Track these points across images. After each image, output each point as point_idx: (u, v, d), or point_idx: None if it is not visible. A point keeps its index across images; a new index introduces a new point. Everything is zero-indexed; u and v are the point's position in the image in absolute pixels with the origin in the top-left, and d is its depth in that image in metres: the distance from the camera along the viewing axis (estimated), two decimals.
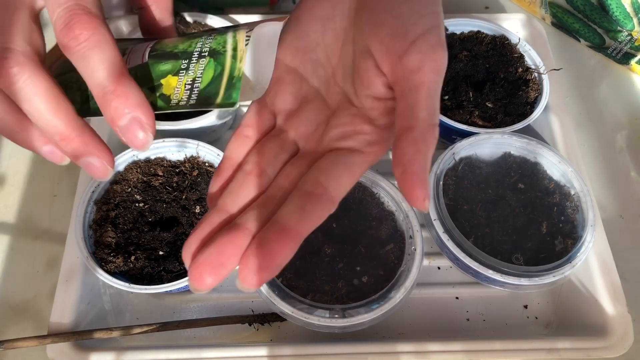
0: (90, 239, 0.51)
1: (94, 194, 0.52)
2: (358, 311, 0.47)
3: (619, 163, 0.67)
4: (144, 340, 0.53)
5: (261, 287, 0.48)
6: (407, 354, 0.49)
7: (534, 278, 0.49)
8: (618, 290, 0.52)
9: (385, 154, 0.35)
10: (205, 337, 0.54)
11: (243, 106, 0.67)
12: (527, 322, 0.55)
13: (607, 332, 0.50)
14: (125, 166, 0.55)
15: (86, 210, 0.51)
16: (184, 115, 0.57)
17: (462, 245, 0.50)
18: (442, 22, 0.33)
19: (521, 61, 0.63)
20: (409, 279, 0.48)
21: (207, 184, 0.54)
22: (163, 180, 0.55)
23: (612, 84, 0.73)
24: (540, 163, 0.57)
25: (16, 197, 0.62)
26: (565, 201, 0.54)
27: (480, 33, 0.65)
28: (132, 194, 0.53)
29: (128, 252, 0.50)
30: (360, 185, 0.55)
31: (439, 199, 0.52)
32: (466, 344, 0.49)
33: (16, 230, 0.60)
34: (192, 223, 0.52)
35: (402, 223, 0.53)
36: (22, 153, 0.65)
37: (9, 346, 0.47)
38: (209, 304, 0.55)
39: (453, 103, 0.60)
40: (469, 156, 0.57)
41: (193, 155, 0.56)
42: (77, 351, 0.48)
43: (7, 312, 0.55)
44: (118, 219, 0.52)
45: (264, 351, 0.48)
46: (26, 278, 0.57)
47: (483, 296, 0.56)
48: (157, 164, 0.56)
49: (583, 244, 0.51)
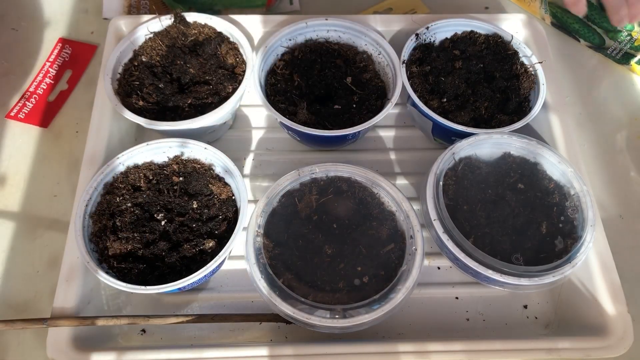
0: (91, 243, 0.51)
1: (88, 208, 0.52)
2: (359, 311, 0.47)
3: (619, 163, 0.67)
4: (144, 341, 0.53)
5: (262, 287, 0.48)
6: (407, 354, 0.49)
7: (534, 278, 0.49)
8: (618, 290, 0.52)
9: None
10: (205, 337, 0.54)
11: (243, 106, 0.67)
12: (527, 322, 0.55)
13: (607, 332, 0.50)
14: (114, 176, 0.55)
15: (84, 225, 0.51)
16: (184, 115, 0.57)
17: (462, 245, 0.50)
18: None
19: (515, 57, 0.63)
20: (410, 279, 0.48)
21: (198, 181, 0.54)
22: (155, 183, 0.55)
23: (612, 84, 0.73)
24: (540, 163, 0.57)
25: (16, 197, 0.62)
26: (565, 201, 0.54)
27: (474, 33, 0.65)
28: (126, 200, 0.53)
29: (128, 254, 0.50)
30: (361, 186, 0.55)
31: (439, 199, 0.52)
32: (466, 344, 0.49)
33: (16, 230, 0.60)
34: (192, 220, 0.52)
35: (403, 223, 0.53)
36: (23, 153, 0.65)
37: (52, 324, 0.49)
38: (208, 303, 0.55)
39: (451, 105, 0.60)
40: (468, 156, 0.57)
41: (177, 155, 0.56)
42: (77, 351, 0.48)
43: (7, 312, 0.55)
44: (116, 225, 0.52)
45: (264, 351, 0.48)
46: (26, 278, 0.57)
47: (483, 296, 0.56)
48: (146, 168, 0.56)
49: (583, 243, 0.51)
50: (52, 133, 0.66)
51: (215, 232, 0.52)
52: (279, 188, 0.54)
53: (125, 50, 0.61)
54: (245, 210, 0.52)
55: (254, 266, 0.49)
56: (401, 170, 0.64)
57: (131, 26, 0.65)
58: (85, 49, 0.73)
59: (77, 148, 0.65)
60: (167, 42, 0.62)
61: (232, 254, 0.55)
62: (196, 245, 0.51)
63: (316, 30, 0.65)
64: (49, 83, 0.70)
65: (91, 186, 0.53)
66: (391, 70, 0.62)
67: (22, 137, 0.66)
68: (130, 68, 0.61)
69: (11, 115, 0.67)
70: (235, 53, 0.62)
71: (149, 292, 0.47)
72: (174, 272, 0.50)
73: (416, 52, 0.63)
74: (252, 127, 0.66)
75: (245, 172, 0.63)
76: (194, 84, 0.60)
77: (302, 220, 0.53)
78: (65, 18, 0.76)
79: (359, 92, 0.61)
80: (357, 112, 0.60)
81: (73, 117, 0.67)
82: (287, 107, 0.59)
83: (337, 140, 0.61)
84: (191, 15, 0.63)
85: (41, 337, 0.52)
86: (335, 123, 0.58)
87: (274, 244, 0.51)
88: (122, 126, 0.61)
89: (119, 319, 0.50)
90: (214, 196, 0.54)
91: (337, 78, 0.62)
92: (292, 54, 0.64)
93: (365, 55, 0.65)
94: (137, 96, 0.58)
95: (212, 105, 0.57)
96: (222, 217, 0.53)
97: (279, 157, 0.64)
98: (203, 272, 0.48)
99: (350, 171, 0.55)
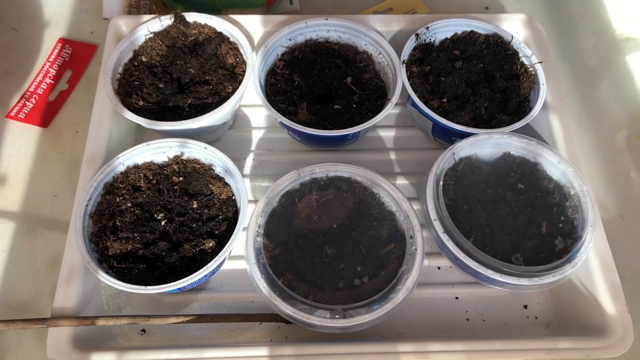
0: (91, 243, 0.51)
1: (88, 208, 0.52)
2: (359, 311, 0.47)
3: (619, 163, 0.67)
4: (144, 341, 0.53)
5: (262, 287, 0.48)
6: (407, 354, 0.49)
7: (534, 278, 0.49)
8: (618, 290, 0.52)
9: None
10: (205, 337, 0.54)
11: (243, 106, 0.67)
12: (527, 322, 0.55)
13: (607, 332, 0.50)
14: (114, 176, 0.55)
15: (84, 225, 0.51)
16: (184, 115, 0.57)
17: (462, 245, 0.50)
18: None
19: (515, 57, 0.63)
20: (410, 279, 0.48)
21: (198, 181, 0.54)
22: (155, 183, 0.55)
23: (612, 84, 0.73)
24: (540, 163, 0.57)
25: (16, 197, 0.62)
26: (565, 201, 0.54)
27: (474, 33, 0.65)
28: (126, 200, 0.53)
29: (128, 254, 0.50)
30: (361, 186, 0.55)
31: (439, 199, 0.52)
32: (466, 344, 0.49)
33: (16, 230, 0.60)
34: (192, 220, 0.52)
35: (403, 223, 0.53)
36: (23, 153, 0.65)
37: (52, 324, 0.49)
38: (208, 303, 0.55)
39: (451, 105, 0.60)
40: (468, 156, 0.57)
41: (177, 155, 0.56)
42: (77, 351, 0.48)
43: (7, 312, 0.55)
44: (116, 225, 0.52)
45: (264, 351, 0.48)
46: (26, 278, 0.57)
47: (483, 296, 0.56)
48: (146, 168, 0.56)
49: (583, 244, 0.51)
50: (52, 133, 0.66)
51: (215, 232, 0.52)
52: (279, 188, 0.54)
53: (125, 50, 0.61)
54: (245, 210, 0.52)
55: (254, 266, 0.49)
56: (401, 170, 0.64)
57: (131, 26, 0.65)
58: (85, 49, 0.73)
59: (77, 148, 0.65)
60: (167, 42, 0.62)
61: (232, 254, 0.55)
62: (196, 245, 0.51)
63: (316, 30, 0.65)
64: (49, 83, 0.70)
65: (91, 186, 0.53)
66: (391, 70, 0.62)
67: (22, 137, 0.66)
68: (130, 68, 0.61)
69: (11, 115, 0.67)
70: (235, 53, 0.62)
71: (149, 292, 0.47)
72: (174, 272, 0.50)
73: (416, 52, 0.63)
74: (252, 127, 0.66)
75: (245, 172, 0.63)
76: (194, 84, 0.60)
77: (302, 220, 0.53)
78: (65, 18, 0.76)
79: (359, 92, 0.61)
80: (357, 112, 0.60)
81: (73, 117, 0.67)
82: (287, 107, 0.59)
83: (337, 140, 0.61)
84: (191, 15, 0.63)
85: (41, 337, 0.52)
86: (335, 123, 0.58)
87: (274, 244, 0.51)
88: (122, 126, 0.61)
89: (119, 319, 0.50)
90: (214, 196, 0.54)
91: (337, 78, 0.62)
92: (292, 54, 0.64)
93: (365, 55, 0.65)
94: (137, 96, 0.58)
95: (212, 105, 0.57)
96: (222, 217, 0.53)
97: (279, 157, 0.64)
98: (203, 272, 0.48)
99: (350, 171, 0.55)
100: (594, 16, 0.80)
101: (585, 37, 0.78)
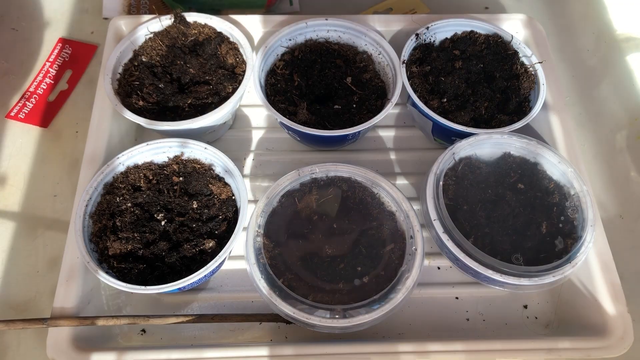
0: (91, 243, 0.51)
1: (88, 208, 0.52)
2: (359, 311, 0.47)
3: (619, 163, 0.67)
4: (144, 341, 0.53)
5: (262, 287, 0.48)
6: (407, 354, 0.49)
7: (534, 278, 0.49)
8: (618, 290, 0.52)
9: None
10: (205, 337, 0.54)
11: (243, 106, 0.67)
12: (527, 322, 0.55)
13: (607, 332, 0.50)
14: (114, 176, 0.55)
15: (84, 225, 0.51)
16: (184, 115, 0.57)
17: (462, 245, 0.50)
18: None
19: (515, 57, 0.63)
20: (410, 279, 0.48)
21: (198, 181, 0.54)
22: (155, 183, 0.55)
23: (612, 84, 0.73)
24: (540, 163, 0.57)
25: (16, 197, 0.62)
26: (565, 201, 0.54)
27: (474, 33, 0.65)
28: (126, 200, 0.53)
29: (128, 254, 0.50)
30: (361, 186, 0.55)
31: (439, 199, 0.52)
32: (466, 344, 0.49)
33: (16, 230, 0.60)
34: (192, 220, 0.52)
35: (403, 223, 0.53)
36: (23, 153, 0.65)
37: (52, 324, 0.49)
38: (208, 303, 0.55)
39: (451, 105, 0.60)
40: (468, 156, 0.57)
41: (177, 155, 0.56)
42: (77, 351, 0.48)
43: (7, 312, 0.55)
44: (116, 225, 0.52)
45: (264, 351, 0.48)
46: (26, 278, 0.57)
47: (483, 296, 0.56)
48: (146, 168, 0.56)
49: (583, 244, 0.51)
50: (52, 133, 0.66)
51: (215, 232, 0.52)
52: (279, 188, 0.54)
53: (125, 50, 0.61)
54: (245, 210, 0.52)
55: (254, 266, 0.49)
56: (401, 170, 0.64)
57: (131, 26, 0.65)
58: (85, 49, 0.73)
59: (77, 148, 0.65)
60: (167, 42, 0.62)
61: (232, 254, 0.55)
62: (196, 245, 0.51)
63: (316, 30, 0.65)
64: (49, 83, 0.70)
65: (91, 186, 0.53)
66: (391, 70, 0.62)
67: (22, 137, 0.66)
68: (130, 68, 0.61)
69: (11, 115, 0.67)
70: (235, 53, 0.62)
71: (149, 292, 0.47)
72: (174, 272, 0.50)
73: (416, 52, 0.63)
74: (252, 127, 0.66)
75: (245, 172, 0.63)
76: (194, 84, 0.60)
77: (302, 220, 0.53)
78: (65, 18, 0.76)
79: (359, 92, 0.61)
80: (357, 112, 0.60)
81: (73, 117, 0.67)
82: (287, 107, 0.59)
83: (337, 140, 0.61)
84: (191, 15, 0.63)
85: (41, 337, 0.52)
86: (335, 123, 0.58)
87: (274, 244, 0.51)
88: (122, 126, 0.61)
89: (119, 319, 0.50)
90: (214, 196, 0.54)
91: (337, 78, 0.62)
92: (292, 54, 0.64)
93: (365, 55, 0.65)
94: (137, 96, 0.58)
95: (212, 105, 0.57)
96: (222, 217, 0.53)
97: (279, 157, 0.64)
98: (203, 272, 0.48)
99: (350, 171, 0.55)
100: (594, 16, 0.80)
101: (585, 37, 0.78)
